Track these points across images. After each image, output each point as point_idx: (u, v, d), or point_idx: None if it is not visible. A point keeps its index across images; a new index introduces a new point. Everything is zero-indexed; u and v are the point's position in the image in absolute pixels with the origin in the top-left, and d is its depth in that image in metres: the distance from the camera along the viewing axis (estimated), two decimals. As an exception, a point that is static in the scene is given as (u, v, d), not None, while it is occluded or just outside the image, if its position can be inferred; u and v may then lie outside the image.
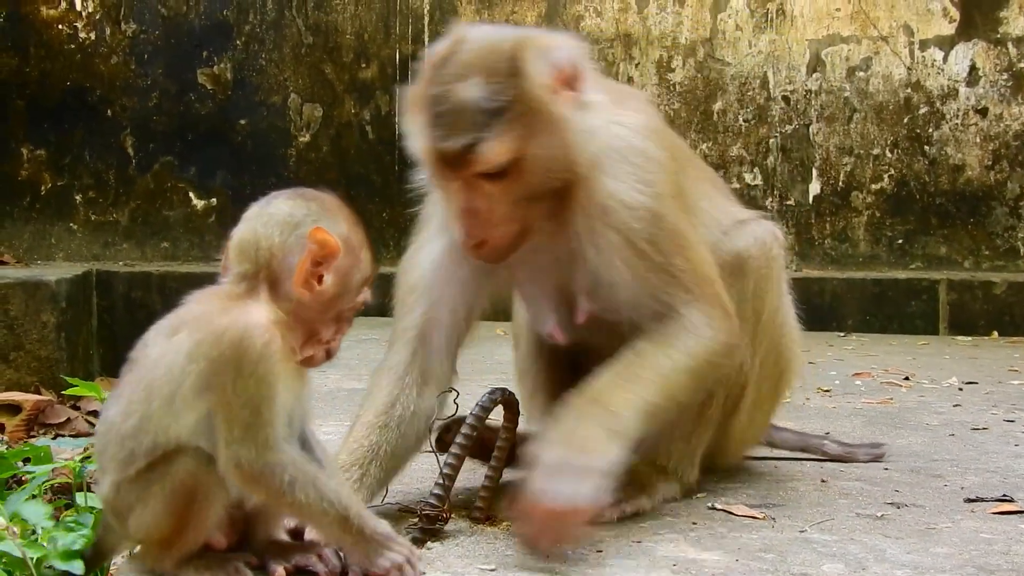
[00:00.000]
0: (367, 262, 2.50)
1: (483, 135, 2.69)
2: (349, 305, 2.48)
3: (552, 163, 2.77)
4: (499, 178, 2.74)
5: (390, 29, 7.57)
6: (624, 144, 2.87)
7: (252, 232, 2.45)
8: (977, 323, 7.10)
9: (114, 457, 2.42)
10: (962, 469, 3.54)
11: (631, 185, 2.85)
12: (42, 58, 7.55)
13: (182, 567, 2.44)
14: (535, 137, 2.73)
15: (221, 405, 2.32)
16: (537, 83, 2.73)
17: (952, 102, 7.43)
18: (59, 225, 7.61)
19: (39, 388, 6.30)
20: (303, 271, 2.40)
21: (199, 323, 2.38)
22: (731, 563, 2.61)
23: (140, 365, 2.43)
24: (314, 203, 2.48)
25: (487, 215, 2.78)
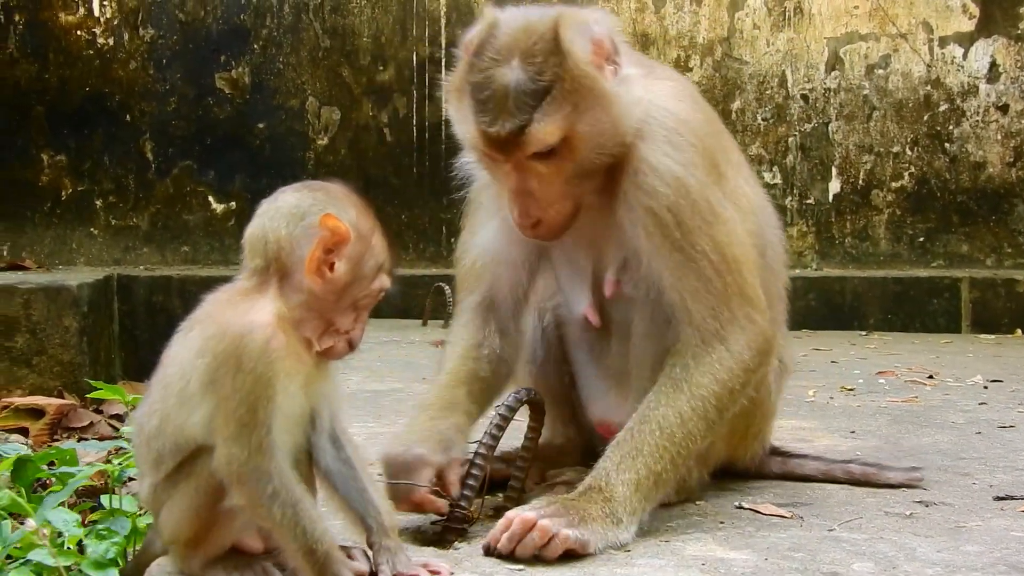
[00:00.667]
0: (381, 248, 2.47)
1: (531, 116, 2.69)
2: (365, 292, 2.45)
3: (601, 138, 2.77)
4: (550, 157, 2.75)
5: (407, 32, 7.57)
6: (660, 111, 2.87)
7: (260, 227, 2.43)
8: (1000, 321, 7.07)
9: (146, 459, 2.44)
10: (990, 467, 3.52)
11: (662, 149, 2.83)
12: (61, 64, 7.57)
13: (210, 568, 2.44)
14: (583, 114, 2.73)
15: (221, 400, 2.31)
16: (579, 59, 2.74)
17: (972, 99, 7.40)
18: (80, 230, 7.63)
19: (62, 392, 6.32)
20: (314, 259, 2.38)
21: (209, 319, 2.38)
22: (760, 562, 2.60)
23: (162, 366, 2.44)
24: (320, 193, 2.46)
25: (540, 195, 2.79)
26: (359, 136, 7.61)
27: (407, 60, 7.58)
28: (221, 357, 2.30)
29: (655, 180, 2.82)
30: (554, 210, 2.82)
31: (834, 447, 3.75)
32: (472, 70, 2.77)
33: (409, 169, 7.59)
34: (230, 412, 2.29)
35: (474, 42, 2.81)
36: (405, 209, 7.54)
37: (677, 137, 2.86)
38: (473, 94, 2.76)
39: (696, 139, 2.89)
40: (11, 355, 6.49)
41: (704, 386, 2.81)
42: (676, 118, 2.89)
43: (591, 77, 2.75)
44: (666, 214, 2.81)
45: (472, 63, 2.78)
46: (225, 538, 2.43)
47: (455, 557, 2.59)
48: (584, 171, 2.81)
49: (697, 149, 2.88)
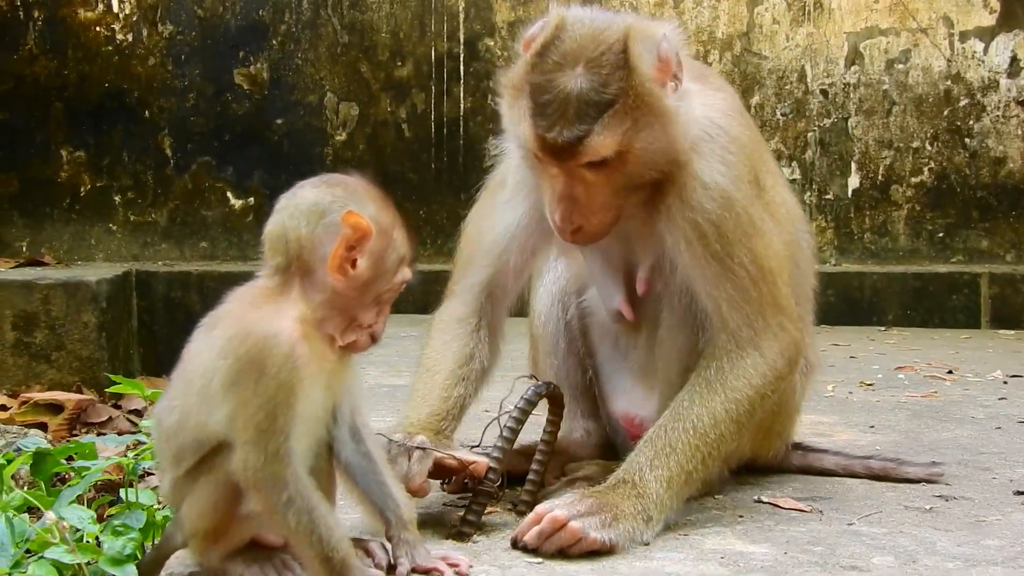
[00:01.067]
0: (402, 241, 2.45)
1: (591, 128, 2.67)
2: (387, 287, 2.43)
3: (655, 155, 2.76)
4: (601, 168, 2.74)
5: (425, 27, 7.57)
6: (714, 128, 2.87)
7: (280, 225, 2.41)
8: (1020, 317, 7.04)
9: (165, 454, 2.44)
10: (1010, 462, 3.51)
11: (715, 167, 2.84)
12: (80, 60, 7.59)
13: (229, 562, 2.44)
14: (641, 130, 2.72)
15: (241, 404, 2.29)
16: (645, 76, 2.72)
17: (993, 94, 7.37)
18: (99, 226, 7.65)
19: (81, 388, 6.34)
20: (336, 257, 2.36)
21: (232, 319, 2.37)
22: (779, 556, 2.59)
23: (183, 362, 2.44)
24: (339, 188, 2.43)
25: (585, 203, 2.78)
26: (377, 132, 7.61)
27: (425, 55, 7.58)
28: (244, 360, 2.29)
29: (703, 195, 2.83)
30: (597, 219, 2.81)
31: (853, 442, 3.74)
32: (534, 71, 2.74)
33: (427, 165, 7.59)
34: (249, 417, 2.28)
35: (539, 41, 2.77)
36: (423, 205, 7.54)
37: (728, 155, 2.87)
38: (533, 95, 2.73)
39: (744, 155, 2.91)
40: (30, 350, 6.51)
41: (738, 389, 2.83)
42: (728, 135, 2.90)
43: (654, 95, 2.73)
44: (710, 227, 2.82)
45: (535, 63, 2.75)
46: (245, 532, 2.44)
47: (474, 550, 2.60)
48: (633, 184, 2.80)
49: (744, 165, 2.90)
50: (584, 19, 2.78)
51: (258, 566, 2.42)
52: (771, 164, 3.16)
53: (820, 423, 4.03)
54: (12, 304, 6.52)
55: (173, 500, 2.47)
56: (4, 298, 6.52)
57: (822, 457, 3.35)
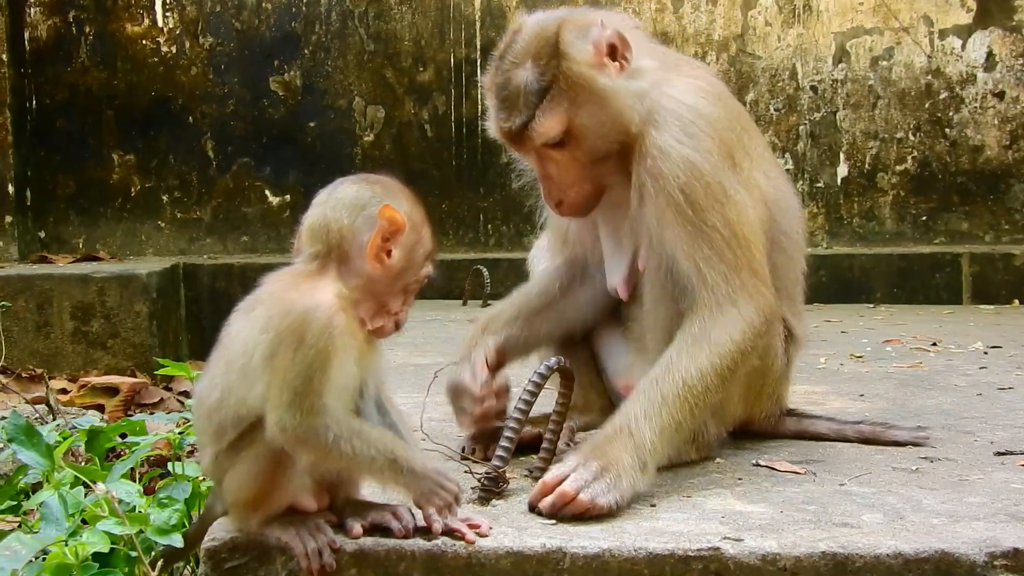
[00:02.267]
0: (429, 238, 2.51)
1: (533, 113, 2.83)
2: (414, 278, 2.48)
3: (602, 128, 2.87)
4: (560, 147, 2.88)
5: (445, 35, 7.55)
6: (672, 102, 2.88)
7: (322, 216, 2.44)
8: (999, 293, 7.00)
9: (206, 431, 2.44)
10: (991, 425, 3.47)
11: (674, 135, 2.85)
12: (128, 71, 7.60)
13: (266, 526, 2.43)
14: (580, 108, 2.84)
15: (277, 371, 2.30)
16: (576, 60, 2.83)
17: (971, 87, 7.31)
18: (148, 223, 7.66)
19: (134, 372, 6.36)
20: (375, 246, 2.40)
21: (272, 299, 2.39)
22: (776, 515, 2.57)
23: (223, 340, 2.44)
24: (378, 186, 2.48)
25: (559, 179, 2.93)
26: (402, 132, 7.60)
27: (445, 61, 7.56)
28: (285, 333, 2.30)
29: (665, 163, 2.82)
30: (573, 191, 2.95)
31: (844, 409, 3.71)
32: (496, 72, 2.92)
33: (448, 162, 7.58)
34: (286, 383, 2.29)
35: (501, 46, 2.94)
36: (445, 199, 7.53)
37: (690, 126, 2.86)
38: (495, 94, 2.91)
39: (711, 130, 2.87)
40: (88, 339, 6.54)
41: (721, 344, 2.79)
42: (690, 109, 2.88)
43: (586, 76, 2.84)
44: (679, 195, 2.80)
45: (496, 66, 2.92)
46: (283, 500, 2.43)
47: (493, 513, 2.58)
48: (594, 157, 2.92)
49: (712, 138, 2.87)
50: (537, 21, 2.92)
51: (294, 529, 2.41)
52: (756, 150, 3.07)
53: (813, 392, 4.00)
54: (70, 296, 6.54)
55: (214, 473, 2.46)
56: (63, 291, 6.55)
57: (815, 422, 3.32)
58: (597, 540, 2.40)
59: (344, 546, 2.39)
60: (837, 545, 2.37)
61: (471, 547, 2.38)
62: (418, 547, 2.39)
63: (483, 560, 2.38)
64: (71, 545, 2.60)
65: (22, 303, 6.51)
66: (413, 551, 2.39)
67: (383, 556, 2.39)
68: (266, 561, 2.43)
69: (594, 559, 2.37)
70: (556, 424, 2.88)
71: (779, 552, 2.36)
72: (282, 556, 2.42)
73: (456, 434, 3.32)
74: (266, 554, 2.43)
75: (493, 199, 7.51)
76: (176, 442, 3.22)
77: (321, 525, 2.42)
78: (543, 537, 2.41)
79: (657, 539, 2.41)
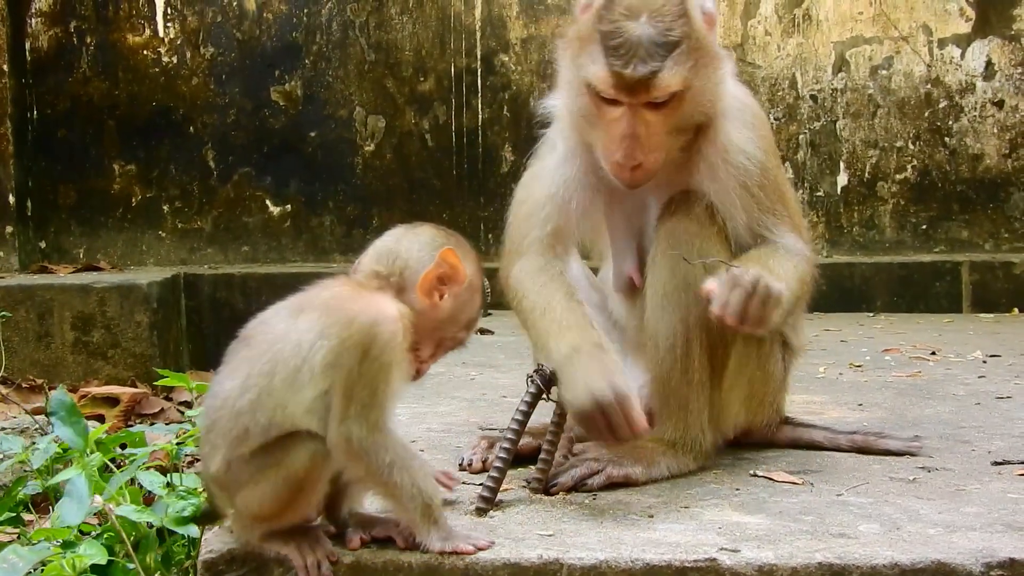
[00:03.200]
0: (478, 307, 2.59)
1: (662, 64, 2.78)
2: (452, 334, 2.56)
3: (704, 96, 2.90)
4: (661, 108, 2.85)
5: (445, 45, 7.55)
6: (741, 100, 3.05)
7: (395, 243, 2.54)
8: (998, 301, 6.99)
9: (226, 433, 2.37)
10: (988, 435, 3.48)
11: (748, 136, 2.99)
12: (130, 81, 7.61)
13: (266, 540, 2.43)
14: (700, 70, 2.85)
15: (342, 382, 2.32)
16: (699, 24, 2.86)
17: (970, 96, 7.32)
18: (149, 233, 7.67)
19: (135, 382, 6.35)
20: (428, 280, 2.49)
21: (330, 306, 2.40)
22: (773, 525, 2.57)
23: (260, 341, 2.40)
24: (455, 238, 2.59)
25: (645, 140, 2.87)
26: (403, 142, 7.60)
27: (446, 71, 7.57)
28: (348, 343, 2.33)
29: (743, 158, 2.98)
30: (653, 157, 2.90)
31: (843, 419, 3.72)
32: (602, 21, 2.84)
33: (449, 171, 7.58)
34: (353, 394, 2.32)
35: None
36: (446, 208, 7.53)
37: (756, 126, 3.04)
38: (604, 40, 2.82)
39: (766, 130, 3.10)
40: (88, 349, 6.54)
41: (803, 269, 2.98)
42: (752, 111, 3.07)
43: (708, 40, 2.88)
44: (753, 185, 2.96)
45: (601, 15, 2.85)
46: (300, 517, 2.43)
47: (490, 524, 2.59)
48: (682, 126, 2.91)
49: (768, 138, 3.08)
50: None
51: (294, 543, 2.41)
52: None
53: (812, 402, 4.00)
54: (71, 306, 6.55)
55: (224, 476, 2.39)
56: (64, 301, 6.55)
57: (810, 431, 3.33)
58: (594, 551, 2.40)
59: (342, 558, 2.40)
60: (834, 556, 2.38)
61: (468, 559, 2.38)
62: (415, 559, 2.39)
63: (480, 572, 2.38)
64: (68, 557, 2.60)
65: (23, 313, 6.51)
66: (410, 563, 2.39)
67: (380, 568, 2.40)
68: (263, 573, 2.43)
69: (591, 570, 2.37)
70: (554, 435, 2.88)
71: (776, 563, 2.37)
72: (279, 568, 2.42)
73: (455, 444, 3.32)
74: (264, 566, 2.43)
75: (493, 208, 7.51)
76: (174, 453, 3.22)
77: (320, 537, 2.42)
78: (540, 549, 2.42)
79: (654, 550, 2.41)
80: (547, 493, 2.82)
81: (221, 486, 2.44)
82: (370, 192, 7.57)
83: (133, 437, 3.41)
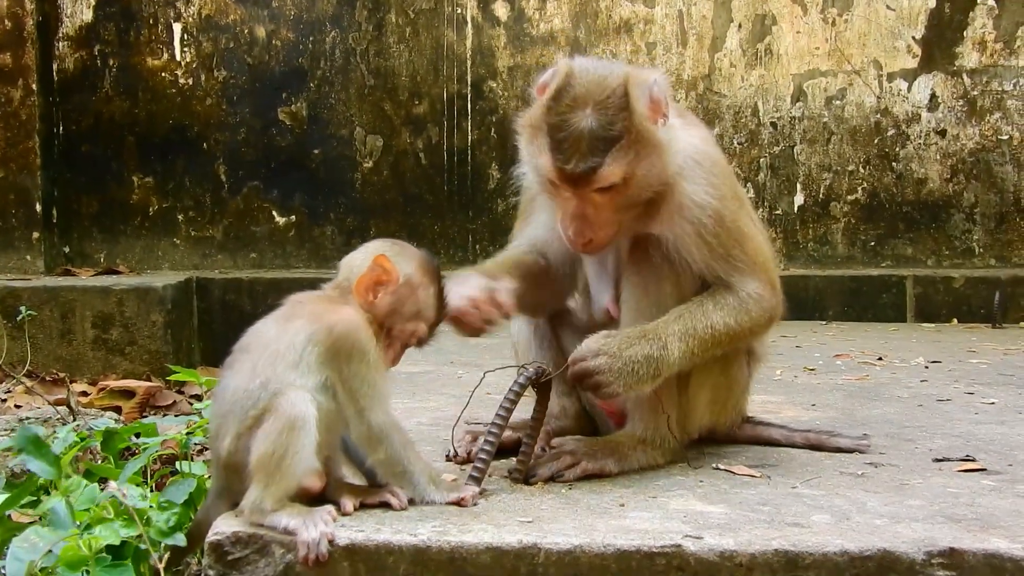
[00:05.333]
0: (428, 301, 2.67)
1: (602, 160, 2.71)
2: (400, 328, 2.65)
3: (650, 179, 2.80)
4: (608, 191, 2.78)
5: (438, 72, 7.54)
6: (697, 153, 2.92)
7: (349, 258, 2.70)
8: (939, 312, 7.01)
9: (234, 411, 2.47)
10: (930, 434, 3.48)
11: (703, 189, 2.89)
12: (148, 101, 7.58)
13: (279, 508, 2.42)
14: (642, 160, 2.76)
15: (342, 383, 2.49)
16: (642, 115, 2.76)
17: (916, 125, 7.34)
18: (165, 240, 7.63)
19: (150, 376, 6.33)
20: (362, 283, 2.62)
21: (314, 314, 2.55)
22: (733, 515, 2.57)
23: (257, 343, 2.53)
24: (397, 246, 2.71)
25: (594, 220, 2.82)
26: (399, 160, 7.59)
27: (439, 95, 7.56)
28: (332, 349, 2.49)
29: (699, 213, 2.87)
30: (604, 232, 2.85)
31: (797, 417, 3.72)
32: (550, 112, 2.76)
33: (441, 187, 7.56)
34: (356, 392, 2.49)
35: (552, 87, 2.79)
36: (438, 221, 7.51)
37: (713, 177, 2.92)
38: (550, 133, 2.75)
39: (725, 176, 2.98)
40: (107, 345, 6.50)
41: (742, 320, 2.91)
42: (711, 160, 2.95)
43: (650, 131, 2.77)
44: (710, 237, 2.88)
45: (550, 106, 2.76)
46: (299, 467, 2.43)
47: (474, 511, 2.57)
48: (632, 203, 2.84)
49: (727, 184, 2.97)
50: (588, 67, 2.81)
51: (302, 518, 2.40)
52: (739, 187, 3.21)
53: (769, 402, 4.00)
54: (92, 306, 6.51)
55: (235, 455, 2.46)
56: (85, 301, 6.52)
57: (768, 429, 3.32)
58: (570, 537, 2.39)
59: (338, 541, 2.38)
60: (788, 543, 2.37)
61: (454, 542, 2.37)
62: (405, 542, 2.38)
63: (465, 555, 2.37)
64: (85, 538, 2.57)
65: (47, 312, 6.48)
66: (401, 546, 2.38)
67: (373, 550, 2.38)
68: (265, 553, 2.42)
69: (566, 555, 2.36)
70: (534, 429, 2.88)
71: (736, 549, 2.36)
72: (280, 549, 2.41)
73: (443, 437, 3.31)
74: (266, 547, 2.42)
75: (481, 221, 7.50)
76: (183, 442, 3.20)
77: (326, 518, 2.41)
78: (520, 534, 2.41)
79: (624, 536, 2.40)
80: (527, 483, 2.81)
81: (232, 467, 2.48)
82: (368, 205, 7.55)
83: (146, 428, 3.38)
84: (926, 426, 3.61)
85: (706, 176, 2.90)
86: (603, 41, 7.46)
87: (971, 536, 2.41)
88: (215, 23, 7.55)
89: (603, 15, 7.47)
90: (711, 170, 2.92)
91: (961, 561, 2.34)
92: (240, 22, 7.56)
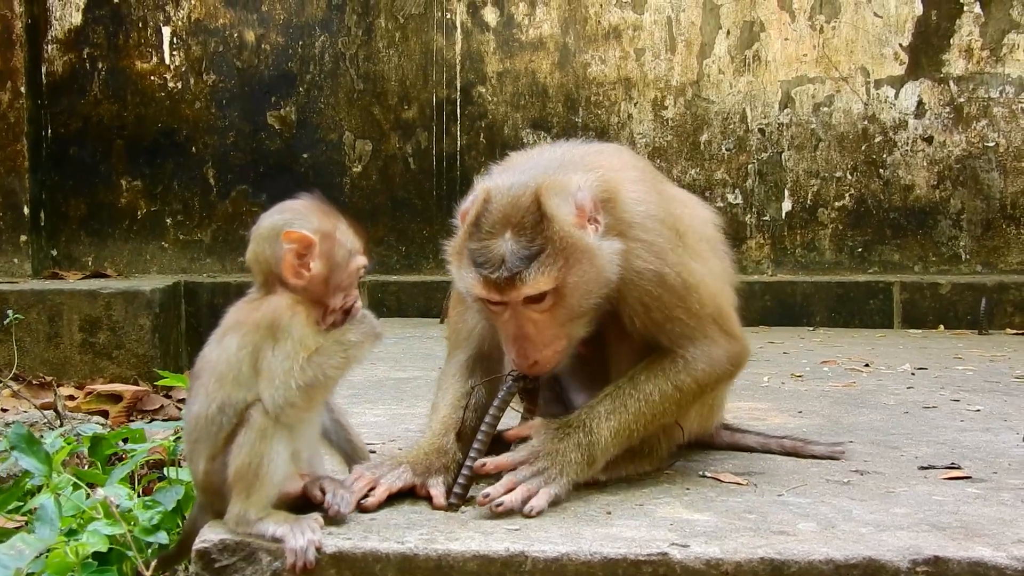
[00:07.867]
0: (347, 237, 2.59)
1: (527, 268, 2.62)
2: (345, 276, 2.57)
3: (588, 286, 2.69)
4: (542, 303, 2.67)
5: (428, 76, 7.55)
6: (634, 221, 2.80)
7: (252, 251, 2.57)
8: (926, 318, 7.04)
9: (204, 439, 2.46)
10: (916, 441, 3.49)
11: (642, 255, 2.78)
12: (137, 104, 7.57)
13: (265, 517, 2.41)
14: (572, 267, 2.65)
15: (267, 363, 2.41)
16: (565, 222, 2.66)
17: (903, 132, 7.37)
18: (153, 244, 7.62)
19: (137, 380, 6.32)
20: (289, 267, 2.50)
21: (238, 323, 2.49)
22: (719, 522, 2.57)
23: (205, 368, 2.50)
24: (288, 212, 2.59)
25: (536, 337, 2.70)
26: (388, 164, 7.59)
27: (428, 100, 7.56)
28: (259, 338, 2.43)
29: (639, 280, 2.78)
30: (550, 350, 2.73)
31: (784, 424, 3.72)
32: (471, 239, 2.69)
33: (430, 192, 7.57)
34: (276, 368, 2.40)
35: (471, 214, 2.72)
36: (426, 225, 7.52)
37: (653, 238, 2.80)
38: (472, 259, 2.68)
39: (664, 226, 2.84)
40: (94, 349, 6.49)
41: (685, 383, 2.83)
42: (649, 217, 2.81)
43: (576, 236, 2.67)
44: (652, 303, 2.79)
45: (471, 233, 2.69)
46: (276, 474, 2.43)
47: (461, 519, 2.57)
48: (576, 314, 2.73)
49: (664, 235, 2.83)
50: (504, 187, 2.71)
51: (289, 525, 2.40)
52: (674, 193, 3.09)
53: (756, 408, 4.00)
54: (79, 310, 6.50)
55: (211, 476, 2.46)
56: (73, 305, 6.51)
57: (745, 436, 3.34)
58: (556, 545, 2.39)
59: (325, 548, 2.38)
60: (774, 551, 2.37)
61: (441, 550, 2.37)
62: (392, 550, 2.38)
63: (452, 562, 2.36)
64: (72, 545, 2.57)
65: (35, 315, 6.46)
66: (388, 554, 2.37)
67: (360, 558, 2.38)
68: (253, 561, 2.41)
69: (553, 563, 2.36)
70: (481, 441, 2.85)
71: (722, 557, 2.36)
72: (268, 556, 2.40)
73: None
74: (253, 554, 2.41)
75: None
76: (171, 448, 3.19)
77: (313, 526, 2.41)
78: (507, 542, 2.40)
79: (611, 545, 2.40)
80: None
81: (209, 489, 2.49)
82: (357, 210, 7.54)
83: (134, 433, 3.38)
84: (912, 433, 3.62)
85: (647, 239, 2.79)
86: (592, 47, 7.47)
87: (956, 544, 2.41)
88: (204, 27, 7.55)
89: (592, 21, 7.48)
90: (655, 226, 2.80)
91: (946, 569, 2.34)
92: (229, 26, 7.55)
